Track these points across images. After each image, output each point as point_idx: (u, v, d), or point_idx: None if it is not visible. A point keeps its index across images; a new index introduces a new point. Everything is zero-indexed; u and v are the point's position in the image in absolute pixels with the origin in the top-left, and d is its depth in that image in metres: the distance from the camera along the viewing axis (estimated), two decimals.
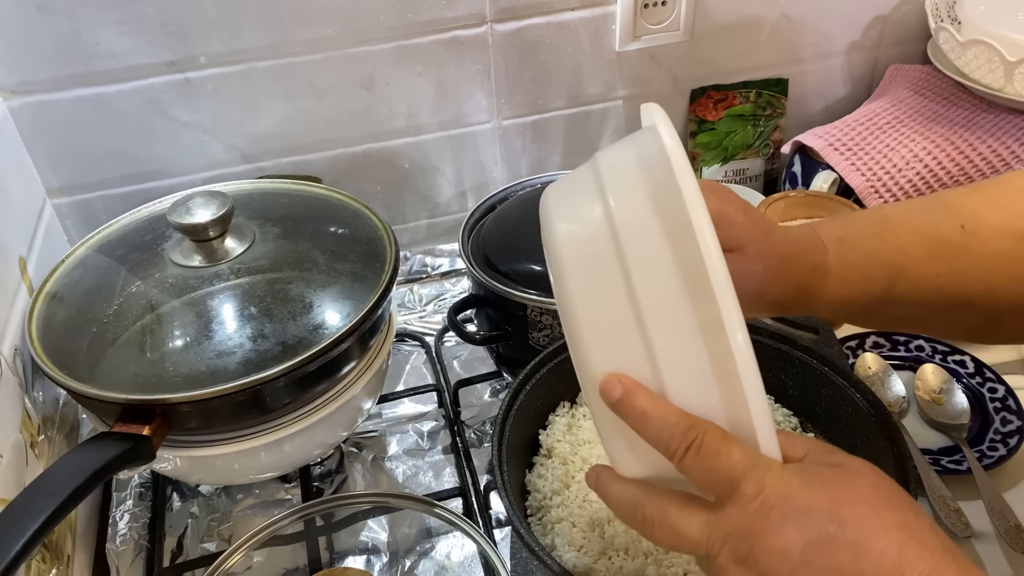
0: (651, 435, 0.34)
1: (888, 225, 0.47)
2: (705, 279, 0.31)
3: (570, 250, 0.35)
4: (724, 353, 0.32)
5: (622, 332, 0.34)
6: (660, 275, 0.33)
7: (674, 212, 0.32)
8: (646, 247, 0.33)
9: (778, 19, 0.84)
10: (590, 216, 0.35)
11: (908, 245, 0.45)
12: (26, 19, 0.65)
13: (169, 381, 0.52)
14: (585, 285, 0.35)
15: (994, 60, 0.74)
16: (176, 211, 0.58)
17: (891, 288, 0.45)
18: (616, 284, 0.33)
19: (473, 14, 0.75)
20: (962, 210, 0.46)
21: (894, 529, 0.31)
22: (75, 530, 0.60)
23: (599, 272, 0.34)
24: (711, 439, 0.33)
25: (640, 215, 0.34)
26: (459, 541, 0.60)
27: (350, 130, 0.79)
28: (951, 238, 0.45)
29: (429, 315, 0.83)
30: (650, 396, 0.34)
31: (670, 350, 0.33)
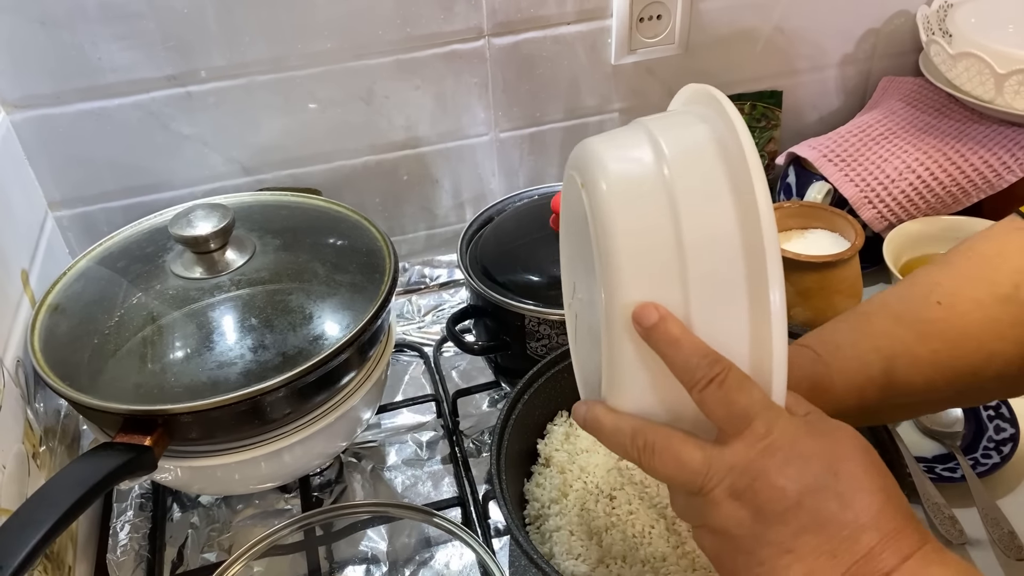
0: (679, 361, 0.35)
1: (863, 318, 0.48)
2: (757, 234, 0.34)
3: (619, 184, 0.36)
4: (760, 303, 0.34)
5: (662, 266, 0.35)
6: (710, 221, 0.35)
7: (734, 162, 0.35)
8: (699, 191, 0.35)
9: (772, 32, 0.85)
10: (642, 158, 0.36)
11: (889, 330, 0.46)
12: (29, 34, 0.66)
13: (170, 392, 0.52)
14: (630, 217, 0.35)
15: (984, 72, 0.75)
16: (177, 223, 0.58)
17: (891, 371, 0.45)
18: (663, 221, 0.35)
19: (471, 28, 0.76)
20: (934, 288, 0.47)
21: (878, 491, 0.34)
22: (76, 540, 0.60)
23: (647, 208, 0.35)
24: (735, 375, 0.35)
25: (697, 162, 0.36)
26: (458, 550, 0.61)
27: (350, 142, 0.79)
28: (931, 316, 0.46)
29: (428, 325, 0.83)
30: (683, 327, 0.35)
31: (707, 292, 0.35)
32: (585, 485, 0.54)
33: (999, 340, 0.45)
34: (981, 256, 0.48)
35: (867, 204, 0.78)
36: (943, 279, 0.47)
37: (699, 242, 0.35)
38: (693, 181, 0.35)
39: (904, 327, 0.46)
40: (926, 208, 0.78)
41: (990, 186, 0.76)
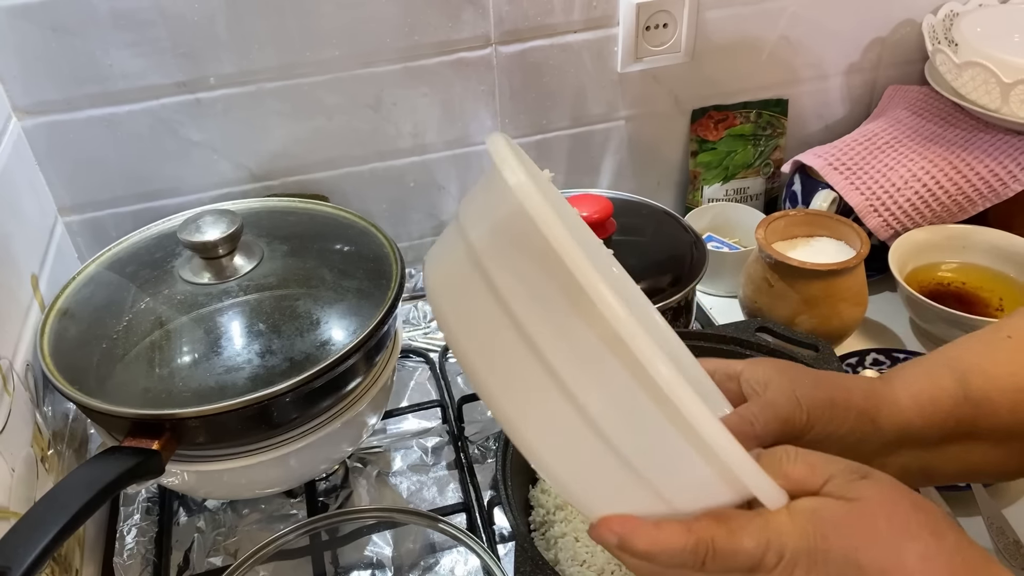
0: (663, 567, 0.34)
1: (926, 355, 0.45)
2: (616, 340, 0.29)
3: (473, 351, 0.34)
4: (678, 417, 0.30)
5: (599, 470, 0.33)
6: (560, 335, 0.31)
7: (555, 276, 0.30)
8: (537, 311, 0.31)
9: (778, 41, 0.85)
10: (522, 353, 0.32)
11: (960, 352, 0.43)
12: (41, 41, 0.66)
13: (179, 396, 0.52)
14: (554, 446, 0.33)
15: (990, 81, 0.75)
16: (186, 229, 0.59)
17: (966, 384, 0.42)
18: (551, 394, 0.32)
19: (478, 36, 0.76)
20: (1001, 326, 0.44)
21: (914, 558, 0.31)
22: (83, 544, 0.60)
23: (534, 392, 0.32)
24: (720, 544, 0.33)
25: (548, 308, 0.31)
26: (463, 556, 0.61)
27: (357, 149, 0.80)
28: (1001, 346, 0.43)
29: (433, 331, 0.83)
30: (646, 534, 0.33)
31: (645, 458, 0.32)
32: None
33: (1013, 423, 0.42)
34: (1017, 346, 0.44)
35: (872, 212, 0.78)
36: (1008, 321, 0.45)
37: (580, 387, 0.31)
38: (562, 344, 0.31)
39: (973, 350, 0.43)
40: (931, 217, 0.78)
41: (996, 195, 0.76)
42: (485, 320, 0.33)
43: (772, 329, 0.65)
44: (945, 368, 0.42)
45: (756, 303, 0.74)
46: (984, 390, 0.42)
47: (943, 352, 0.45)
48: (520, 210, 0.30)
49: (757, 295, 0.74)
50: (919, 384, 0.42)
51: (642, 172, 0.91)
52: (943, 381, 0.42)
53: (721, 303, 0.85)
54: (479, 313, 0.33)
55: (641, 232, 0.71)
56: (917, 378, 0.43)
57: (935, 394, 0.42)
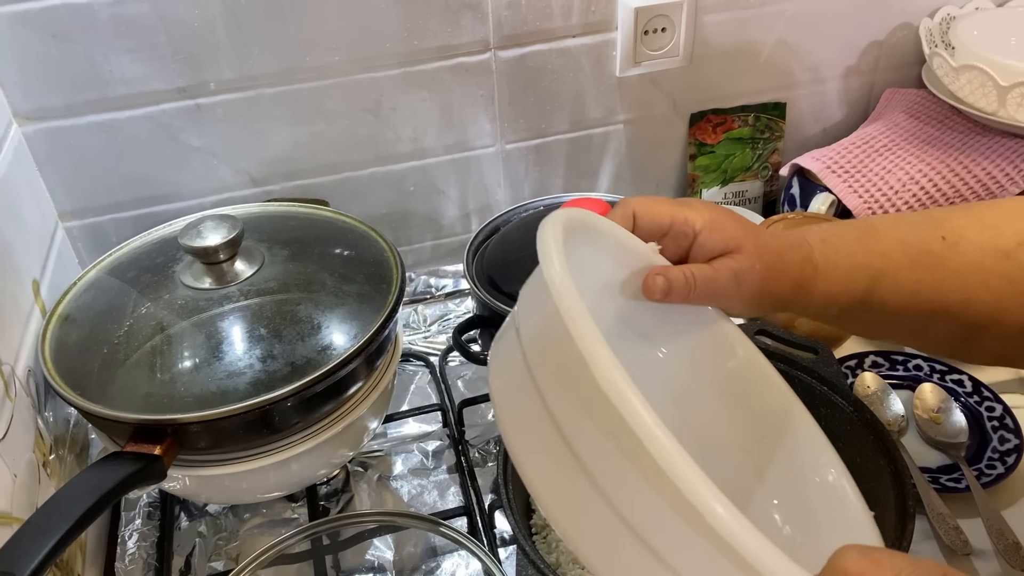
0: None
1: (871, 232, 0.48)
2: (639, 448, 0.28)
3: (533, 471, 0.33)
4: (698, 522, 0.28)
5: (594, 517, 0.32)
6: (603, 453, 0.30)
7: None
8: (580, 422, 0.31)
9: (776, 44, 0.85)
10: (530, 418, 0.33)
11: (889, 251, 0.47)
12: (42, 47, 0.67)
13: (180, 401, 0.52)
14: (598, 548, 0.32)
15: (987, 85, 0.75)
16: (187, 234, 0.59)
17: (872, 290, 0.47)
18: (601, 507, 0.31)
19: (477, 41, 0.77)
20: (945, 223, 0.48)
21: None
22: (85, 549, 0.60)
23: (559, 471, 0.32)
24: None
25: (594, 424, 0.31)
26: (464, 560, 0.61)
27: (357, 154, 0.80)
28: (932, 248, 0.47)
29: (433, 335, 0.84)
30: None
31: (653, 531, 0.31)
32: None
33: (981, 287, 0.46)
34: (1000, 208, 0.49)
35: (870, 215, 0.79)
36: (956, 217, 0.48)
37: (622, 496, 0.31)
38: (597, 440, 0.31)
39: (901, 249, 0.47)
40: None
41: (993, 197, 0.77)
42: (533, 424, 0.33)
43: (771, 332, 0.65)
44: (863, 272, 0.47)
45: None
46: (884, 297, 0.47)
47: (877, 244, 0.47)
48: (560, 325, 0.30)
49: None
50: (836, 287, 0.47)
51: (641, 175, 0.91)
52: (856, 287, 0.47)
53: None
54: (528, 416, 0.33)
55: None
56: (837, 277, 0.46)
57: (842, 297, 0.47)
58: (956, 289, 0.46)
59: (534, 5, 0.76)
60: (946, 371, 0.70)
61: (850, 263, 0.47)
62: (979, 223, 0.48)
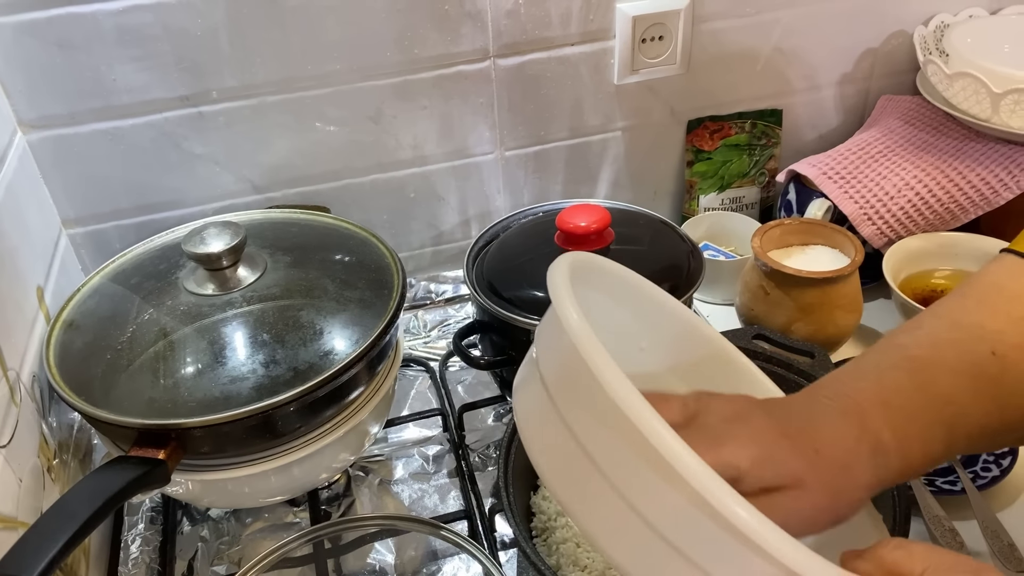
0: None
1: (926, 373, 0.43)
2: (683, 483, 0.31)
3: (557, 482, 0.36)
4: (725, 525, 0.30)
5: (640, 541, 0.33)
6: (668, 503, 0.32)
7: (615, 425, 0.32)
8: (604, 443, 0.33)
9: (772, 52, 0.86)
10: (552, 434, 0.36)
11: (951, 391, 0.42)
12: (46, 56, 0.67)
13: (184, 406, 0.53)
14: (584, 506, 0.35)
15: (981, 92, 0.76)
16: (191, 240, 0.60)
17: (950, 445, 0.42)
18: (607, 493, 0.34)
19: (477, 50, 0.77)
20: (983, 334, 0.44)
21: None
22: (89, 554, 0.61)
23: (586, 488, 0.35)
24: None
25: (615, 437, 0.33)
26: (465, 563, 0.61)
27: (358, 161, 0.81)
28: (987, 370, 0.43)
29: (433, 341, 0.84)
30: None
31: (689, 540, 0.32)
32: None
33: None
34: (1013, 295, 0.45)
35: (866, 221, 0.79)
36: (985, 320, 0.44)
37: (655, 511, 0.33)
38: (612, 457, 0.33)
39: (961, 383, 0.43)
40: (924, 224, 0.79)
41: (987, 203, 0.78)
42: (560, 446, 0.36)
43: (768, 336, 0.66)
44: (938, 430, 0.42)
45: (752, 311, 0.75)
46: (960, 438, 0.42)
47: (939, 388, 0.42)
48: (578, 359, 0.33)
49: (753, 303, 0.74)
50: (916, 457, 0.41)
51: (639, 182, 0.92)
52: (934, 450, 0.42)
53: (718, 311, 0.86)
54: (554, 441, 0.36)
55: (639, 241, 0.72)
56: (915, 451, 0.41)
57: (925, 467, 0.42)
58: (1016, 406, 0.43)
59: (533, 14, 0.77)
60: None
61: (921, 426, 0.41)
62: (1010, 321, 0.44)
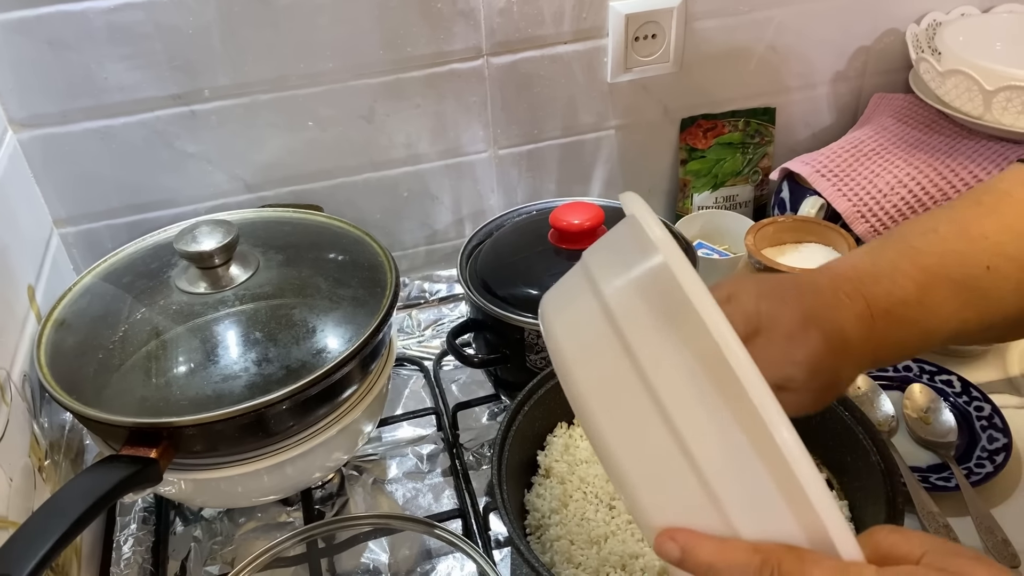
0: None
1: (928, 286, 0.45)
2: (732, 377, 0.30)
3: (592, 391, 0.34)
4: (774, 456, 0.30)
5: (665, 463, 0.32)
6: (686, 387, 0.32)
7: (682, 314, 0.32)
8: (665, 358, 0.32)
9: (765, 51, 0.86)
10: (600, 347, 0.34)
11: (944, 302, 0.45)
12: (37, 54, 0.67)
13: (176, 405, 0.53)
14: (632, 445, 0.33)
15: (973, 89, 0.76)
16: (183, 239, 0.59)
17: (921, 348, 0.46)
18: (648, 413, 0.32)
19: (470, 48, 0.77)
20: (985, 244, 0.45)
21: None
22: (81, 554, 0.60)
23: (628, 407, 0.33)
24: (788, 567, 0.31)
25: (655, 332, 0.33)
26: (459, 562, 0.61)
27: (351, 160, 0.81)
28: (980, 283, 0.45)
29: (427, 339, 0.84)
30: (712, 546, 0.32)
31: (724, 474, 0.32)
32: (585, 495, 0.55)
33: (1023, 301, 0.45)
34: (1022, 205, 0.46)
35: (860, 218, 0.80)
36: (991, 230, 0.46)
37: (695, 430, 0.31)
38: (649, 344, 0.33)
39: (953, 291, 0.45)
40: None
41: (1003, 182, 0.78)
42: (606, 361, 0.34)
43: None
44: (919, 338, 0.46)
45: None
46: (936, 336, 0.46)
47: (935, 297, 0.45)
48: (667, 271, 0.33)
49: None
50: (887, 355, 0.46)
51: (633, 180, 0.92)
52: (907, 352, 0.47)
53: None
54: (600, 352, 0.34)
55: None
56: (888, 352, 0.45)
57: (892, 361, 0.49)
58: (999, 312, 0.45)
59: (526, 12, 0.77)
60: (935, 371, 0.71)
61: (909, 335, 0.45)
62: (1011, 232, 0.46)
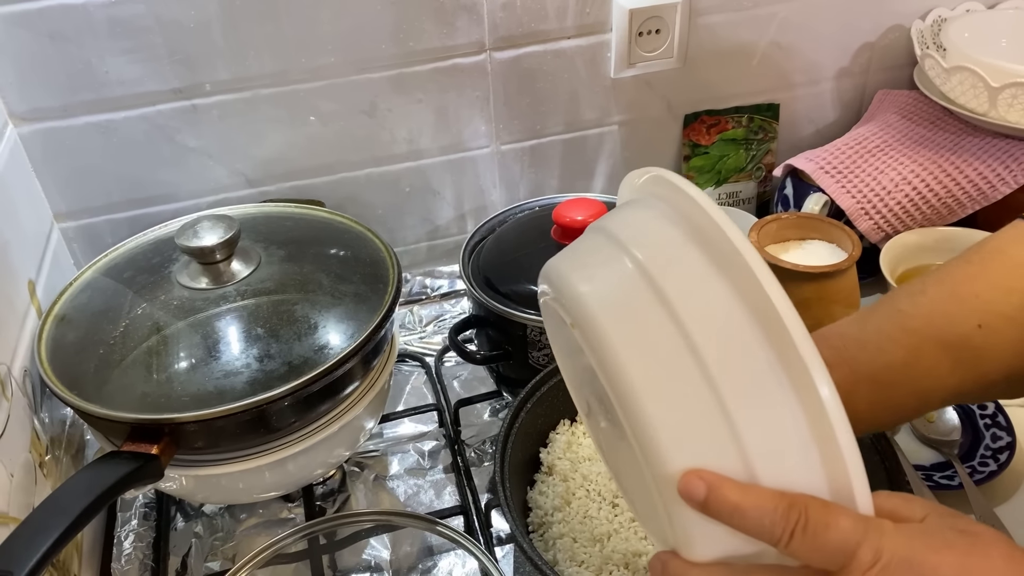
0: (749, 527, 0.31)
1: (916, 349, 0.44)
2: (780, 326, 0.29)
3: (624, 335, 0.32)
4: (813, 405, 0.29)
5: (700, 417, 0.31)
6: (723, 328, 0.30)
7: (723, 255, 0.30)
8: (700, 299, 0.31)
9: (769, 46, 0.86)
10: (636, 294, 0.32)
11: (935, 364, 0.44)
12: (38, 48, 0.67)
13: (177, 401, 0.53)
14: (652, 376, 0.31)
15: (978, 86, 0.76)
16: (184, 234, 0.59)
17: (920, 409, 0.45)
18: (679, 352, 0.31)
19: (472, 43, 0.77)
20: (975, 304, 0.44)
21: None
22: (81, 550, 0.60)
23: (665, 356, 0.31)
24: (815, 514, 0.30)
25: (685, 266, 0.31)
26: (461, 559, 0.61)
27: (352, 155, 0.80)
28: (972, 343, 0.44)
29: (429, 336, 0.84)
30: (738, 487, 0.31)
31: (751, 417, 0.30)
32: (588, 493, 0.55)
33: (1020, 360, 0.44)
34: (1013, 262, 0.45)
35: (864, 215, 0.79)
36: (981, 289, 0.45)
37: (726, 368, 0.30)
38: (684, 283, 0.31)
39: (943, 355, 0.44)
40: (922, 219, 0.79)
41: (985, 197, 0.77)
42: (643, 316, 0.32)
43: None
44: (912, 400, 0.45)
45: None
46: (932, 401, 0.45)
47: (924, 363, 0.44)
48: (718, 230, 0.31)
49: None
50: (883, 422, 0.46)
51: None
52: (906, 410, 0.46)
53: None
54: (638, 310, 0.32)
55: None
56: (885, 418, 0.45)
57: (891, 416, 0.46)
58: (997, 371, 0.44)
59: (529, 7, 0.76)
60: None
61: (900, 399, 0.44)
62: (1000, 290, 0.44)
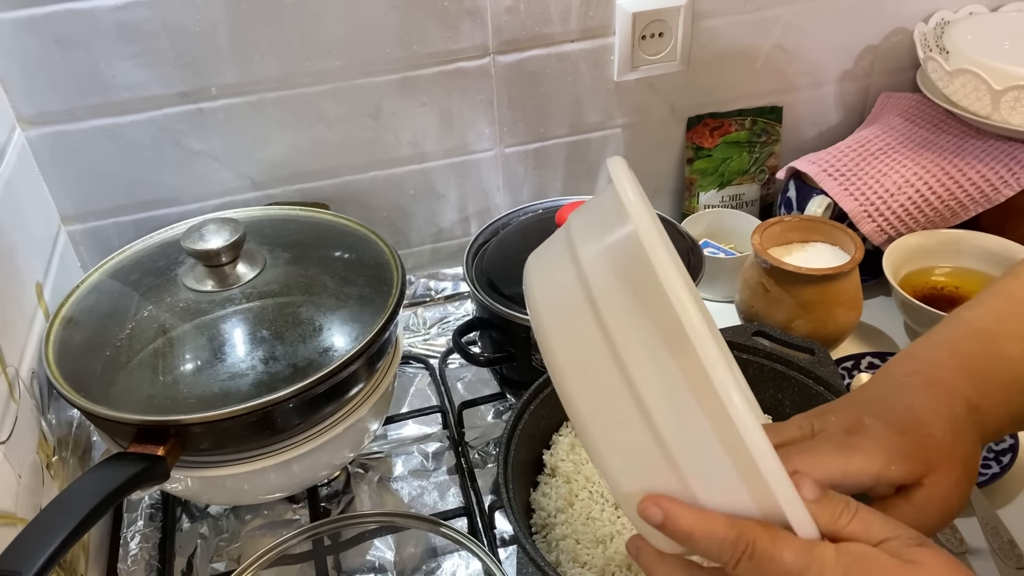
0: (700, 551, 0.34)
1: (995, 343, 0.44)
2: (688, 346, 0.31)
3: (565, 358, 0.36)
4: (727, 427, 0.31)
5: (645, 455, 0.34)
6: (647, 355, 0.33)
7: (647, 284, 0.32)
8: (630, 327, 0.33)
9: (772, 49, 0.86)
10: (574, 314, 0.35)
11: (1021, 356, 0.44)
12: (45, 52, 0.67)
13: (183, 402, 0.53)
14: (600, 417, 0.35)
15: (981, 88, 0.76)
16: (190, 237, 0.60)
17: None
18: (619, 389, 0.34)
19: (476, 46, 0.77)
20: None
21: None
22: (88, 550, 0.61)
23: (597, 374, 0.34)
24: (761, 545, 0.33)
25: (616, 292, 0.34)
26: (464, 560, 0.61)
27: (357, 158, 0.81)
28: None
29: (433, 338, 0.84)
30: (692, 515, 0.34)
31: (684, 446, 0.33)
32: (591, 494, 0.55)
33: None
34: None
35: (866, 218, 0.79)
36: None
37: (653, 398, 0.33)
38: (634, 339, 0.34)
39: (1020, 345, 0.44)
40: (924, 222, 0.79)
41: (987, 200, 0.78)
42: (577, 325, 0.35)
43: (768, 333, 0.66)
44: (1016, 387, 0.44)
45: (752, 308, 0.75)
46: None
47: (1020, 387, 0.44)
48: (635, 238, 0.33)
49: (753, 300, 0.74)
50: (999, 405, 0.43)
51: (639, 179, 0.91)
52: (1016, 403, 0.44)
53: (718, 308, 0.86)
54: (573, 317, 0.36)
55: None
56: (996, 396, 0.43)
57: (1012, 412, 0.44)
58: None
59: (533, 11, 0.77)
60: None
61: (1001, 386, 0.43)
62: None
